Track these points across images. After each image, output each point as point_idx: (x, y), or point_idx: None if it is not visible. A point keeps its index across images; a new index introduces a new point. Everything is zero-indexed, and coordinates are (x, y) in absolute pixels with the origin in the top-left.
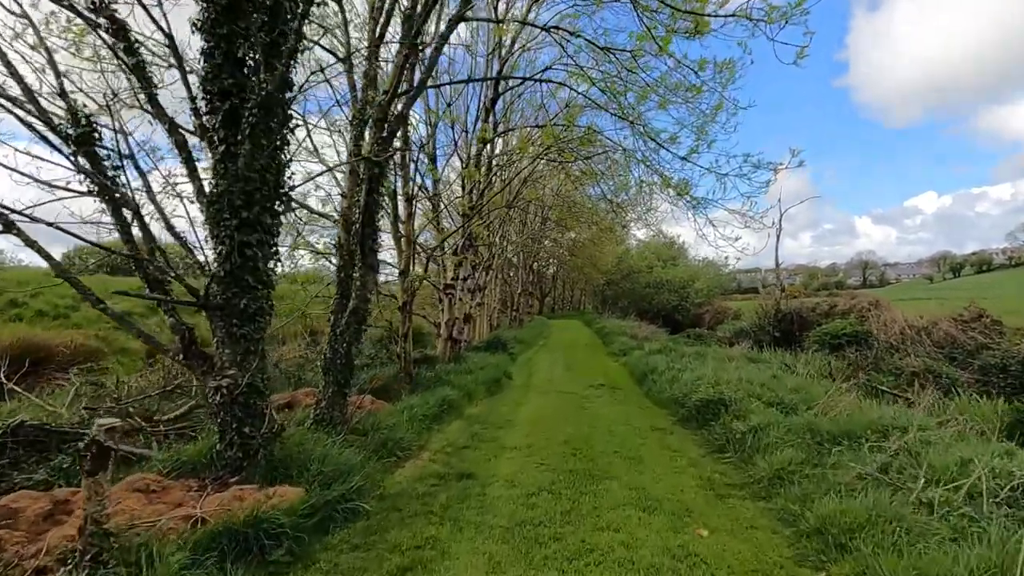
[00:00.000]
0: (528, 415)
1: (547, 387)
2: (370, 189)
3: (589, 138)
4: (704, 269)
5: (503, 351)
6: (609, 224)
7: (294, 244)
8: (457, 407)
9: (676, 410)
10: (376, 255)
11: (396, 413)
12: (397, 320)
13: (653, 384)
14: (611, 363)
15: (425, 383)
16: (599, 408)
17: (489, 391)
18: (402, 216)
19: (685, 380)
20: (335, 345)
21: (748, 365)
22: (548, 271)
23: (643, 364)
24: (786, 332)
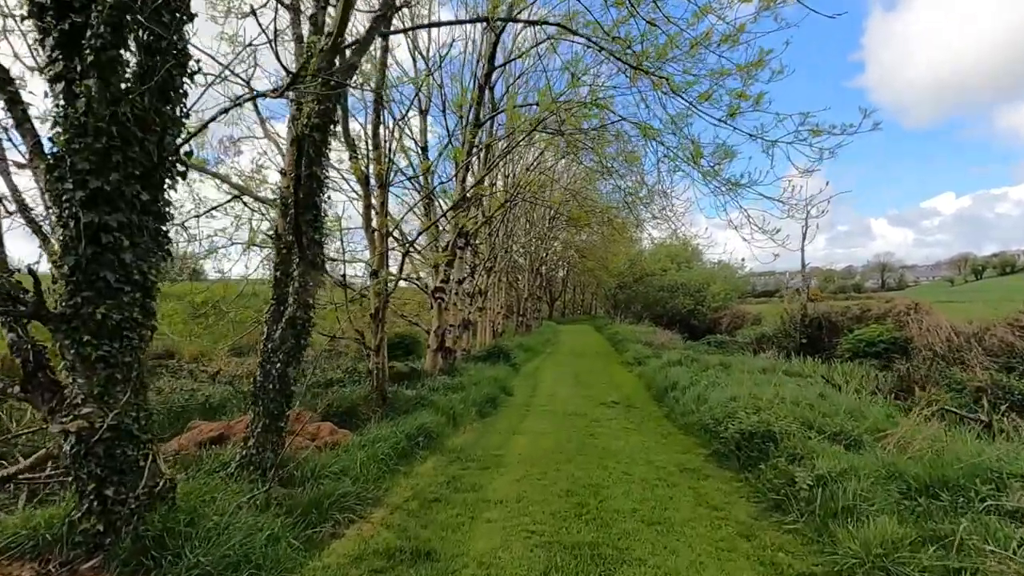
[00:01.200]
0: (524, 448)
1: (551, 406)
2: (309, 159)
3: (596, 103)
4: (720, 271)
5: (505, 361)
6: (622, 223)
7: (251, 239)
8: (437, 437)
9: (707, 440)
10: (321, 248)
11: (354, 449)
12: (369, 329)
13: (675, 403)
14: (625, 374)
15: (403, 405)
16: (612, 437)
17: (481, 413)
18: (375, 205)
19: (715, 400)
20: (267, 366)
21: (784, 379)
22: (558, 274)
23: (661, 377)
24: (814, 338)
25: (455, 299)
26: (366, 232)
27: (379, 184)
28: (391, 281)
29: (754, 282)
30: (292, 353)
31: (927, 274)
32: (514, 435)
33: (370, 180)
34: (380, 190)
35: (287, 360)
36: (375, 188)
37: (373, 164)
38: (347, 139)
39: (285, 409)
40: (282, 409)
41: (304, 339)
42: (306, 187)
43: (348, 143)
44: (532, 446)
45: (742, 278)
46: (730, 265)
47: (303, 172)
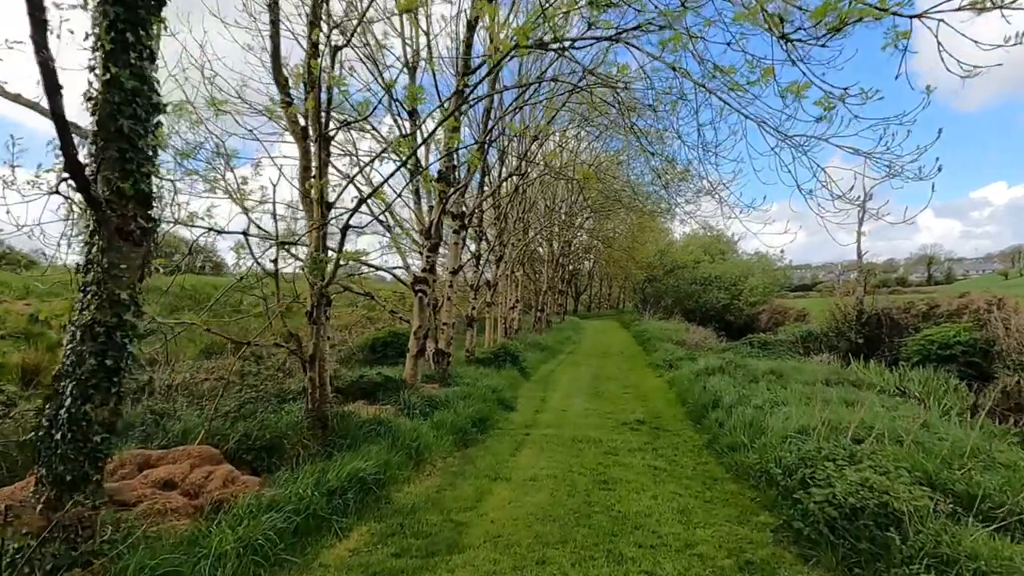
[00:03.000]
0: (501, 511)
1: (558, 427)
2: (111, 53)
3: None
4: (757, 263)
5: (512, 365)
6: (651, 211)
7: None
8: (384, 487)
9: (773, 499)
10: (144, 206)
11: (223, 531)
12: (306, 334)
13: (719, 428)
14: (653, 380)
15: (353, 432)
16: (632, 487)
17: (463, 441)
18: (314, 163)
19: (777, 430)
20: (55, 402)
21: (858, 395)
22: (583, 267)
23: (699, 389)
24: (872, 338)
25: (448, 292)
26: (303, 203)
27: (316, 135)
28: (327, 265)
29: (789, 275)
30: (92, 382)
31: (977, 267)
32: (496, 481)
33: (308, 132)
34: (318, 142)
35: (84, 393)
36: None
37: (310, 105)
38: (276, 72)
39: (88, 470)
40: (82, 470)
41: (116, 357)
42: (105, 102)
43: (279, 80)
44: (515, 506)
45: (781, 270)
46: (768, 256)
47: (100, 74)
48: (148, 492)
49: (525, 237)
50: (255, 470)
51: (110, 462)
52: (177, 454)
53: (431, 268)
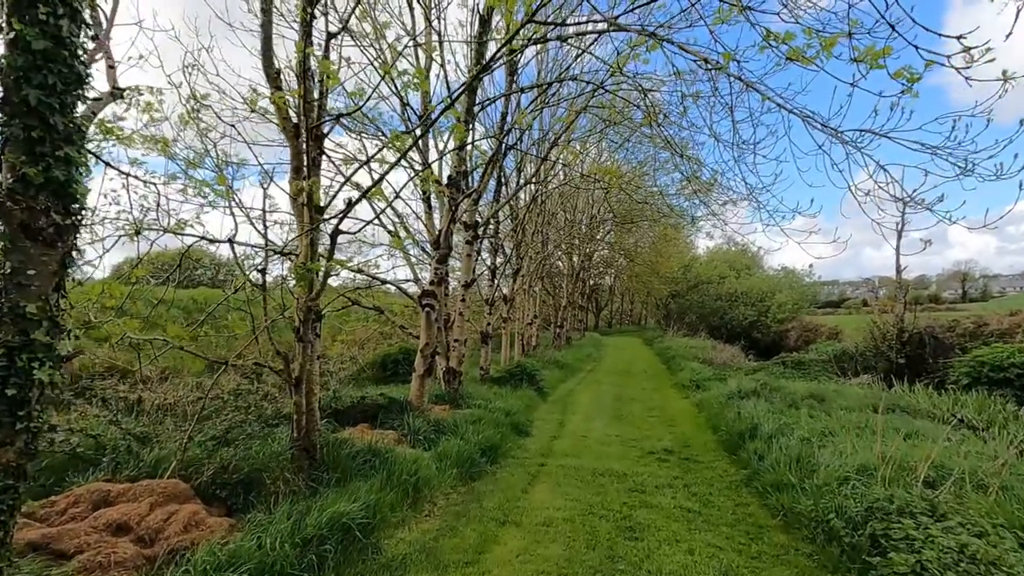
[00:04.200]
0: (509, 564)
1: (578, 457)
2: None
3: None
4: (785, 279)
5: (529, 384)
6: (676, 222)
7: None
8: (371, 532)
9: (841, 561)
10: (63, 199)
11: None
12: (294, 354)
13: (759, 463)
14: (679, 402)
15: (344, 463)
16: (663, 535)
17: (470, 473)
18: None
19: (830, 468)
20: None
21: (915, 424)
22: (604, 282)
23: (732, 414)
24: (914, 359)
25: (461, 307)
26: (293, 207)
27: (306, 130)
28: (314, 274)
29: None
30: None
31: (1014, 284)
32: (504, 525)
33: (300, 130)
34: (310, 135)
35: None
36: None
37: (296, 94)
38: (267, 63)
39: None
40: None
41: (20, 386)
42: (8, 67)
43: (268, 72)
44: (523, 561)
45: (809, 286)
46: (796, 272)
47: (4, 32)
48: (94, 539)
49: (544, 250)
50: (230, 508)
51: (63, 498)
52: (139, 489)
53: (440, 281)
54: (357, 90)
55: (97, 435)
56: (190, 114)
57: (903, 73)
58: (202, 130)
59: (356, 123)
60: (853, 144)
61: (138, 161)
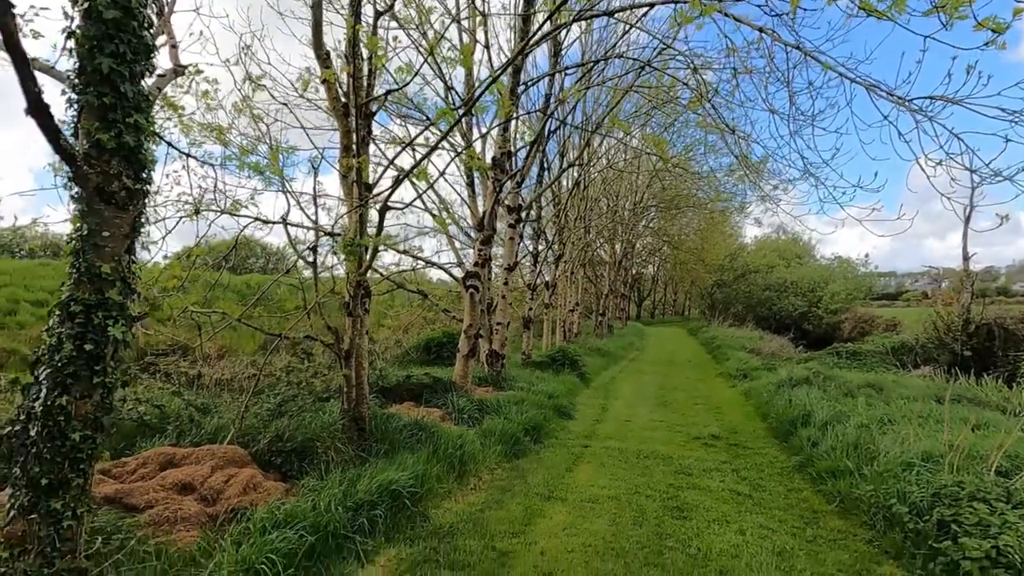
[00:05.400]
0: (554, 539)
1: (622, 440)
2: None
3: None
4: (839, 268)
5: (571, 370)
6: (722, 211)
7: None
8: (420, 501)
9: (904, 546)
10: (133, 164)
11: (228, 548)
12: (344, 329)
13: (813, 450)
14: (726, 391)
15: (391, 437)
16: (713, 516)
17: (514, 451)
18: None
19: (892, 455)
20: (36, 390)
21: (984, 415)
22: (647, 270)
23: (782, 402)
24: (981, 351)
25: (503, 290)
26: (342, 185)
27: (356, 107)
28: (363, 249)
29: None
30: (70, 370)
31: None
32: (549, 501)
33: (349, 108)
34: (358, 112)
35: (60, 382)
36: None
37: (346, 71)
38: (317, 45)
39: (69, 474)
40: (60, 472)
41: (97, 342)
42: (83, 37)
43: (319, 54)
44: (570, 534)
45: (865, 276)
46: (851, 261)
47: (79, 2)
48: (161, 496)
49: (586, 236)
50: (285, 474)
51: (133, 459)
52: (201, 453)
53: (483, 263)
54: (404, 65)
55: (161, 405)
56: (244, 100)
57: (987, 23)
58: (255, 116)
59: (401, 107)
60: (923, 112)
61: (197, 142)
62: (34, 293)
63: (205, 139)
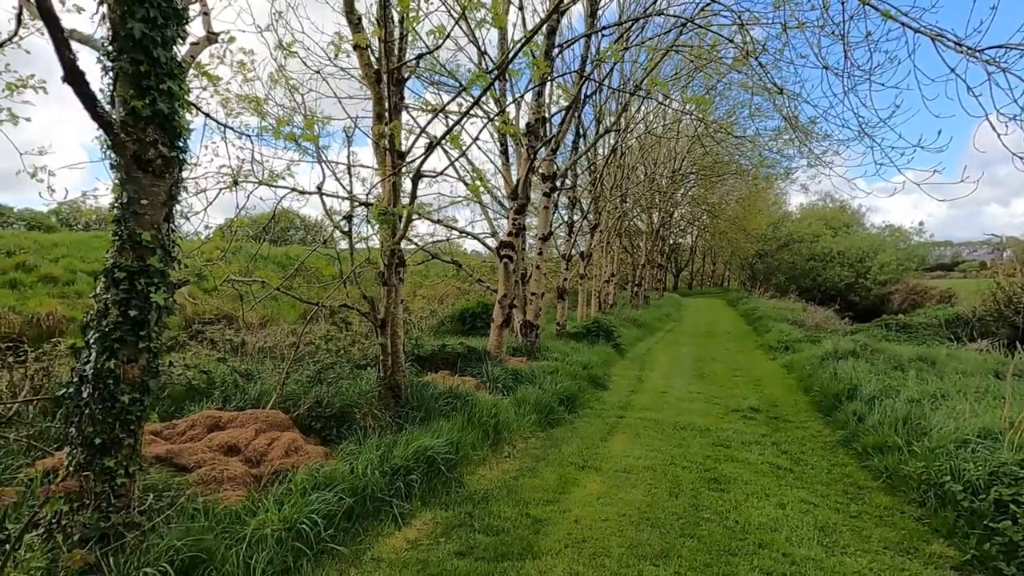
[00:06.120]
0: (588, 508)
1: (657, 411)
2: None
3: None
4: (890, 237)
5: (606, 341)
6: (766, 177)
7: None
8: (455, 467)
9: (957, 525)
10: (168, 131)
11: (269, 507)
12: (379, 298)
13: (859, 425)
14: (766, 364)
15: (427, 404)
16: (752, 490)
17: (548, 420)
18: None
19: (944, 431)
20: (80, 359)
21: None
22: (685, 240)
23: (827, 375)
24: None
25: (538, 260)
26: (376, 153)
27: (387, 73)
28: (397, 218)
29: (927, 252)
30: (117, 335)
31: None
32: (583, 470)
33: (381, 75)
34: (390, 75)
35: (108, 347)
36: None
37: (377, 34)
38: (348, 9)
39: (120, 433)
40: (112, 433)
41: (141, 307)
42: (116, 2)
43: (351, 19)
44: (604, 503)
45: (918, 246)
46: (902, 229)
47: None
48: (208, 457)
49: (622, 206)
50: (324, 439)
51: (182, 421)
52: (245, 417)
53: (518, 232)
54: (437, 27)
55: (208, 371)
56: (279, 71)
57: None
58: (290, 86)
59: (435, 75)
60: (995, 63)
61: (234, 113)
62: (90, 264)
63: (243, 110)
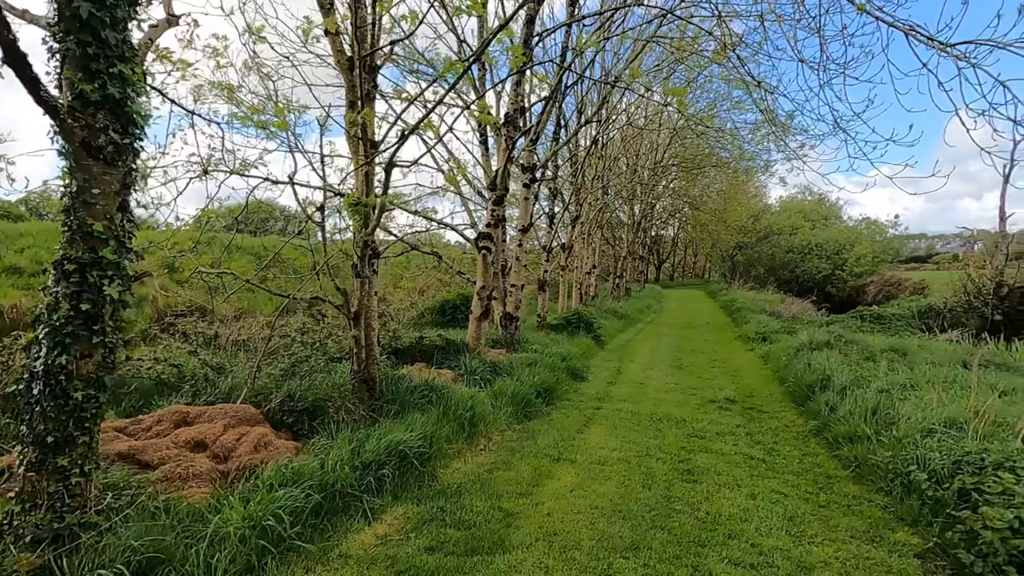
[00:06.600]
0: (561, 500)
1: (635, 402)
2: None
3: None
4: (866, 230)
5: (586, 332)
6: (746, 170)
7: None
8: (427, 461)
9: (921, 513)
10: (120, 118)
11: (234, 504)
12: (352, 290)
13: (830, 415)
14: (744, 354)
15: (401, 397)
16: (724, 481)
17: (525, 413)
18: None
19: (911, 421)
20: (38, 349)
21: (1014, 381)
22: (667, 232)
23: (801, 366)
24: (1012, 315)
25: (517, 251)
26: (349, 143)
27: (359, 59)
28: (375, 207)
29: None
30: (68, 330)
31: None
32: (558, 462)
33: (353, 62)
34: (360, 64)
35: (59, 342)
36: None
37: (346, 18)
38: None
39: (73, 431)
40: (65, 431)
41: (94, 301)
42: None
43: (322, 3)
44: (577, 496)
45: (893, 239)
46: (879, 222)
47: None
48: (174, 453)
49: (604, 197)
50: (296, 433)
51: (148, 417)
52: (214, 412)
53: (496, 223)
54: (408, 14)
55: (179, 364)
56: (252, 58)
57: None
58: (264, 73)
59: (414, 63)
60: (966, 58)
61: (207, 100)
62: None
63: (216, 98)
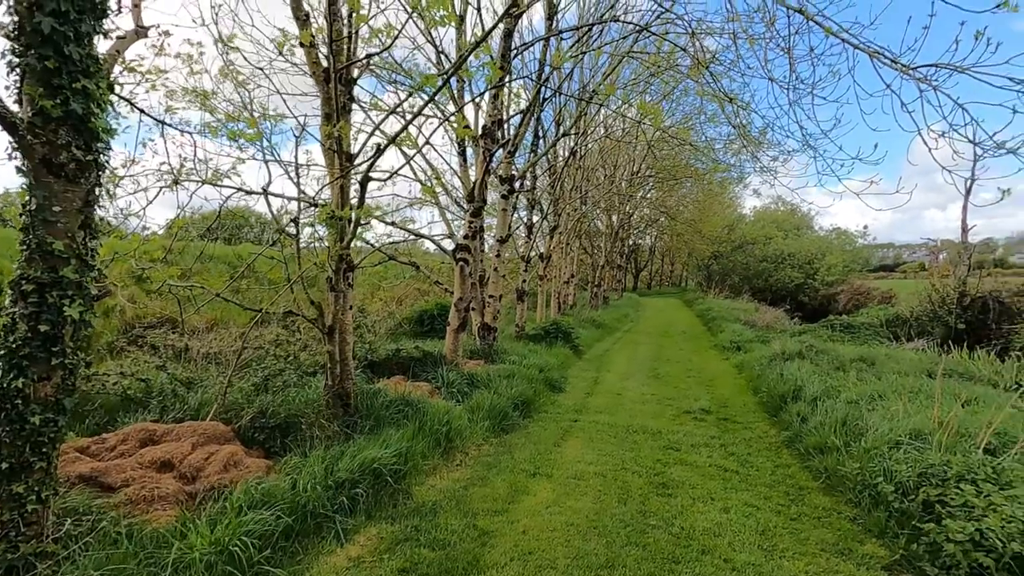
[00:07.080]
0: (537, 518)
1: (612, 414)
2: None
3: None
4: (836, 240)
5: (564, 342)
6: (720, 182)
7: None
8: (403, 478)
9: (888, 525)
10: (83, 135)
11: (200, 529)
12: (327, 304)
13: (802, 426)
14: (719, 363)
15: (377, 412)
16: (698, 495)
17: (502, 426)
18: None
19: (879, 432)
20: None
21: (975, 391)
22: (644, 242)
23: (774, 376)
24: (975, 324)
25: (496, 262)
26: (325, 156)
27: (335, 72)
28: (346, 224)
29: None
30: (25, 351)
31: None
32: (534, 477)
33: (329, 74)
34: (335, 79)
35: (16, 364)
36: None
37: (320, 31)
38: (296, 3)
39: (30, 457)
40: (20, 456)
41: (53, 321)
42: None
43: (298, 15)
44: (553, 512)
45: (862, 248)
46: (849, 233)
47: None
48: (139, 474)
49: (582, 207)
50: (268, 451)
51: (113, 435)
52: (182, 430)
53: (474, 235)
54: (385, 27)
55: (146, 379)
56: (228, 66)
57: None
58: (239, 82)
59: (393, 74)
60: (927, 81)
61: (172, 108)
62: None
63: (190, 105)
